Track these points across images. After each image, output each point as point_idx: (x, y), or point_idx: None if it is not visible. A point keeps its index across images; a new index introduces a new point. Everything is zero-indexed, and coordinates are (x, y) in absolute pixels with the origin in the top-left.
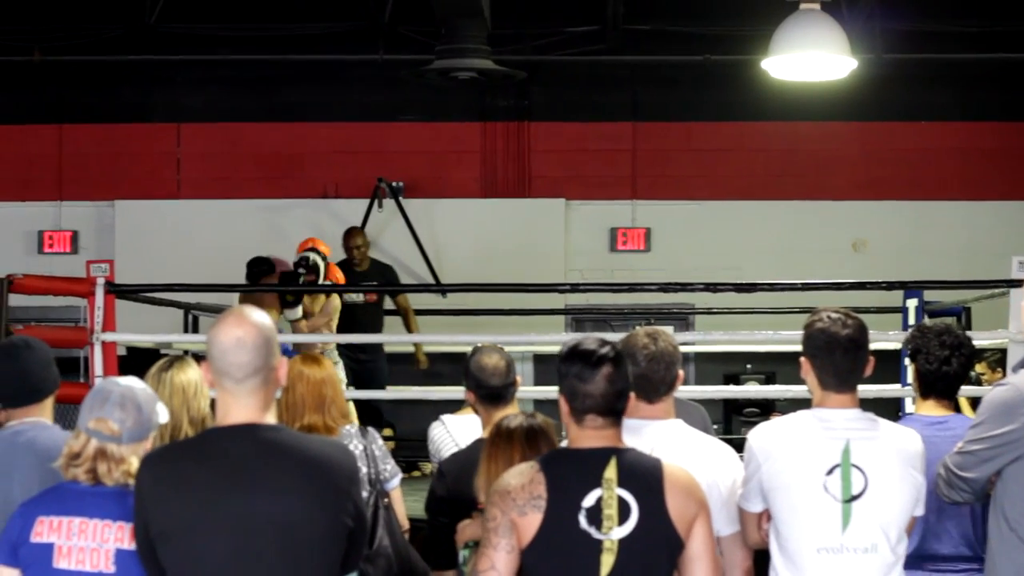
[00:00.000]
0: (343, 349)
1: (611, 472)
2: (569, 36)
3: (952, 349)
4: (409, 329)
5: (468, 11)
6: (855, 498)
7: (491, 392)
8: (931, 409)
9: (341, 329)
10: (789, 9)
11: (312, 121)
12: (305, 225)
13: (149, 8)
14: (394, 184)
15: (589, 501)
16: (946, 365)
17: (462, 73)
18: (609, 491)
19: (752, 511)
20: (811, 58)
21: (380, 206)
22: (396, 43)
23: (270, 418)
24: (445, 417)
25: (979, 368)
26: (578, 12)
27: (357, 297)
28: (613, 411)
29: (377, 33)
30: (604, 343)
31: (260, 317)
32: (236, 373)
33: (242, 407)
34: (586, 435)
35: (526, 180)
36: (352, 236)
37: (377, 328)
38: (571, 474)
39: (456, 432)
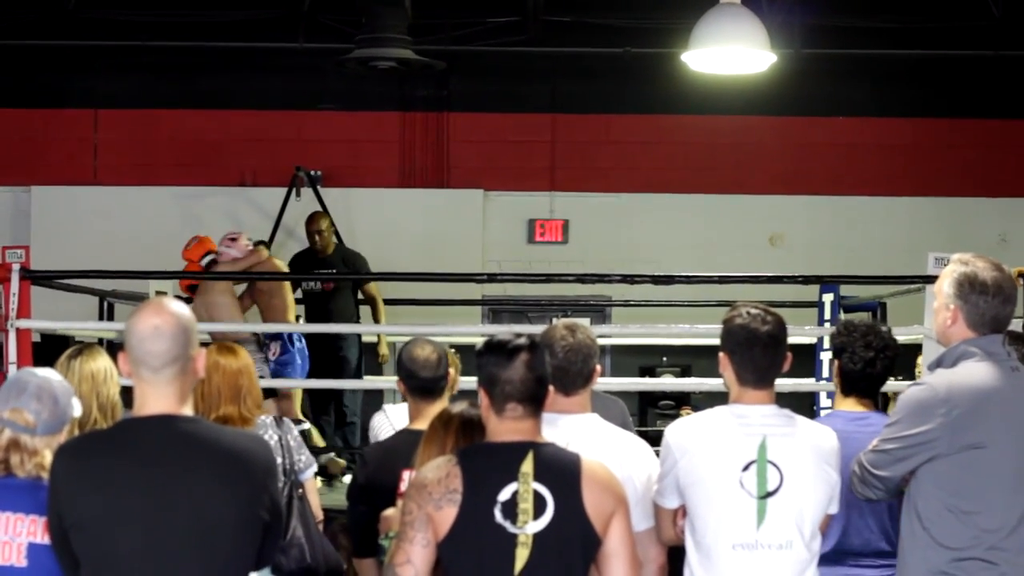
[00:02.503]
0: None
1: (528, 466)
2: (489, 27)
3: (877, 351)
4: (376, 320)
5: (389, 0)
6: (770, 495)
7: (420, 384)
8: (852, 406)
9: (307, 320)
10: (709, 3)
11: (230, 108)
12: (222, 213)
13: None
14: (312, 173)
15: (505, 495)
16: (870, 367)
17: (382, 62)
18: (525, 485)
19: (668, 507)
20: (730, 52)
21: (298, 195)
22: (316, 31)
23: (187, 409)
24: (387, 407)
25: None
26: (499, 3)
27: (314, 285)
28: (533, 399)
29: (297, 21)
30: (519, 335)
31: (179, 307)
32: (153, 362)
33: (159, 397)
34: (505, 427)
35: (444, 170)
36: (312, 221)
37: (340, 318)
38: (488, 468)
39: (397, 422)
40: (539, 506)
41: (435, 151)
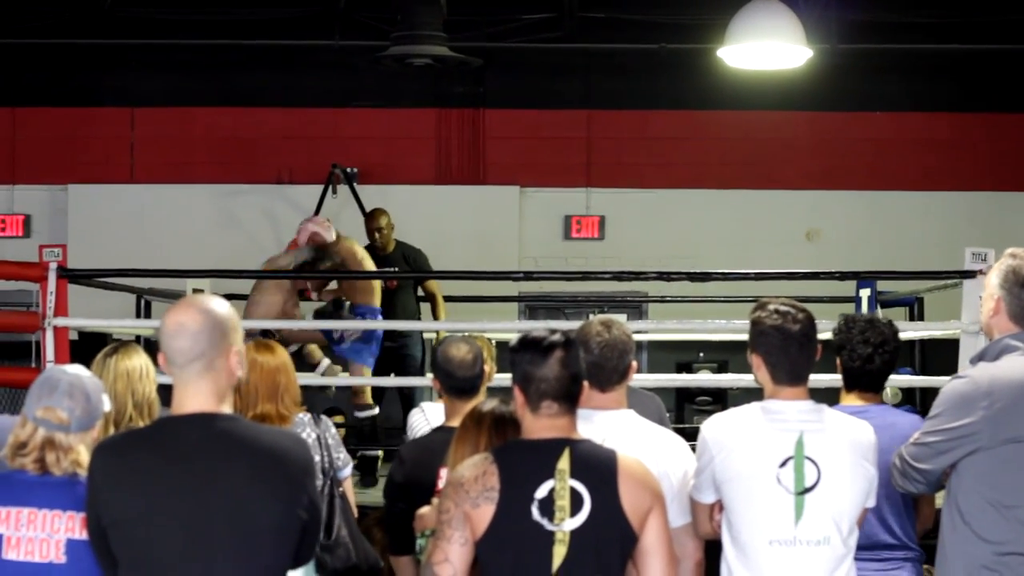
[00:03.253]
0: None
1: (564, 463)
2: (524, 23)
3: (875, 347)
4: (435, 315)
5: None
6: (808, 490)
7: (456, 384)
8: (854, 401)
9: None
10: None
11: (266, 106)
12: (259, 210)
13: None
14: (348, 170)
15: (542, 492)
16: (869, 363)
17: (417, 59)
18: (562, 482)
19: (704, 502)
20: (766, 47)
21: (334, 192)
22: (352, 29)
23: (226, 408)
24: (425, 404)
25: None
26: None
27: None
28: (568, 396)
29: (333, 19)
30: (554, 331)
31: (212, 305)
32: (177, 359)
33: (194, 395)
34: (541, 425)
35: (480, 167)
36: (373, 218)
37: (403, 315)
38: (524, 465)
39: (435, 419)
40: (576, 503)
41: (471, 148)
